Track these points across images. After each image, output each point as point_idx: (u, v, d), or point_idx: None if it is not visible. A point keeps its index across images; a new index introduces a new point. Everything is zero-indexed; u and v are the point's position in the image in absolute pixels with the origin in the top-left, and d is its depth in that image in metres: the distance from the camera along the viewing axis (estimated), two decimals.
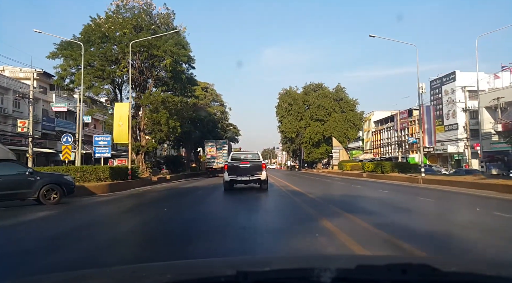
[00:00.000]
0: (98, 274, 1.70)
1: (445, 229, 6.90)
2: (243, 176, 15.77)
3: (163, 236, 6.47)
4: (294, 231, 6.65)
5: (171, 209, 10.85)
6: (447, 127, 58.55)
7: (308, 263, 1.80)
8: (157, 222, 8.41)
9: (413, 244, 5.24)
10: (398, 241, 5.53)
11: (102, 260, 4.75)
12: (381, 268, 1.33)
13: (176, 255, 4.87)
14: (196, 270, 1.67)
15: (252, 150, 18.90)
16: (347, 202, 11.87)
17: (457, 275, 1.34)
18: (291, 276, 1.33)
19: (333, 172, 44.03)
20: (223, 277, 1.34)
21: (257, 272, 1.40)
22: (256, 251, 5.16)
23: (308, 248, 5.24)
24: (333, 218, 7.77)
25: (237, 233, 6.52)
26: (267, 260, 2.07)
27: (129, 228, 7.77)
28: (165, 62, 24.16)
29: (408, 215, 8.88)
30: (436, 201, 12.37)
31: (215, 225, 7.60)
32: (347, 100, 54.07)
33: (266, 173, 15.97)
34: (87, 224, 8.33)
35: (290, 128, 55.58)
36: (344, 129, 52.68)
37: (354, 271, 1.29)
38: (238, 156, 17.90)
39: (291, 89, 57.91)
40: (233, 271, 1.28)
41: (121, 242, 6.17)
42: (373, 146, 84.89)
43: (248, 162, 16.11)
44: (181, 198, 15.23)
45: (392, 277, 1.23)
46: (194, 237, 6.17)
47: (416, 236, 6.09)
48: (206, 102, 45.29)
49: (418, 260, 2.59)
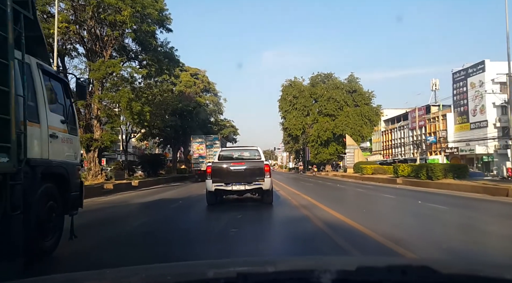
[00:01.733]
0: (98, 275, 1.68)
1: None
2: (236, 184, 10.45)
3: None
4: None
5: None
6: (474, 125, 51.30)
7: (308, 264, 1.75)
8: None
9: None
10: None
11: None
12: (381, 269, 1.34)
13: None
14: (196, 271, 1.66)
15: (249, 146, 13.11)
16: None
17: (457, 277, 1.34)
18: (290, 277, 1.30)
19: (348, 175, 36.55)
20: (223, 279, 1.33)
21: (257, 273, 1.39)
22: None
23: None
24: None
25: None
26: (267, 262, 2.03)
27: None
28: (123, 14, 16.54)
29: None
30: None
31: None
32: (362, 93, 46.62)
33: (270, 179, 10.62)
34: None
35: (295, 125, 47.99)
36: (358, 126, 45.25)
37: (354, 272, 1.28)
38: (229, 153, 12.35)
39: (296, 80, 50.34)
40: (233, 273, 1.28)
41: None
42: (383, 147, 77.75)
43: (244, 162, 10.93)
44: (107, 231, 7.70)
45: (392, 279, 1.23)
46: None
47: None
48: (196, 90, 37.60)
49: (418, 261, 2.52)
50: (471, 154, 51.09)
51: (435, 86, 65.61)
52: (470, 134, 50.92)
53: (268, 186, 10.46)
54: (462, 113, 52.99)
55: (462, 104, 53.16)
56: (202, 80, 38.86)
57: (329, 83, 47.73)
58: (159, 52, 21.91)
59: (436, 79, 67.30)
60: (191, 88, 36.75)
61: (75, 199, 5.44)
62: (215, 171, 10.60)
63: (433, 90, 65.45)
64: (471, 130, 51.15)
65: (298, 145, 58.40)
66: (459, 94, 53.90)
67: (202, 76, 39.29)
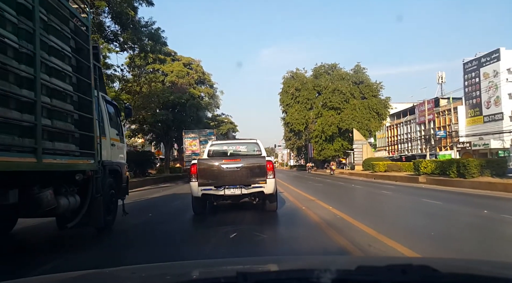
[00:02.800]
0: (97, 275, 1.64)
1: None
2: (230, 187, 8.11)
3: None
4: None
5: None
6: (487, 117, 48.24)
7: (308, 264, 1.73)
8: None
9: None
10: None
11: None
12: (381, 269, 1.32)
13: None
14: (196, 271, 1.64)
15: (247, 138, 10.80)
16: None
17: (457, 276, 1.32)
18: (291, 277, 1.29)
19: (356, 173, 33.39)
20: (223, 278, 1.32)
21: (257, 273, 1.38)
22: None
23: None
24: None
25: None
26: (266, 261, 2.01)
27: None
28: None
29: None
30: None
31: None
32: (369, 84, 43.33)
33: (274, 180, 8.22)
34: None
35: (298, 119, 44.72)
36: (366, 119, 42.04)
37: (354, 272, 1.26)
38: (222, 148, 9.91)
39: (298, 71, 46.97)
40: (233, 272, 1.26)
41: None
42: (388, 143, 74.70)
43: (239, 159, 8.48)
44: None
45: (392, 278, 1.21)
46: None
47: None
48: (189, 81, 34.24)
49: (418, 261, 2.43)
50: (485, 149, 48.06)
51: (441, 79, 62.62)
52: (484, 128, 47.94)
53: (272, 188, 8.08)
54: (475, 106, 49.93)
55: (474, 96, 50.11)
56: (196, 71, 35.46)
57: (333, 74, 44.45)
58: (142, 32, 18.73)
59: (442, 72, 64.50)
60: (184, 78, 33.39)
61: (124, 188, 7.71)
62: (202, 171, 8.09)
63: (440, 84, 62.48)
64: (484, 124, 48.17)
65: (300, 141, 55.25)
66: (471, 85, 50.78)
67: (196, 66, 35.85)
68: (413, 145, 64.32)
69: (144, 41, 18.72)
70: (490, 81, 47.23)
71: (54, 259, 4.68)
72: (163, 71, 32.10)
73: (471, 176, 16.67)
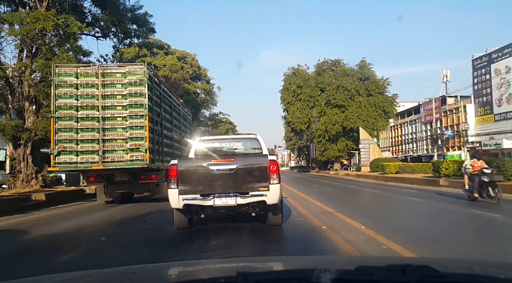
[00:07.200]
0: (97, 275, 1.63)
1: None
2: (221, 196, 6.16)
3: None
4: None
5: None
6: (499, 116, 45.98)
7: (308, 264, 1.73)
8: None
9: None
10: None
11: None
12: (381, 269, 1.30)
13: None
14: (196, 271, 1.64)
15: (245, 133, 8.51)
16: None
17: (457, 276, 1.31)
18: (291, 277, 1.28)
19: (364, 175, 31.02)
20: (223, 278, 1.32)
21: (257, 273, 1.37)
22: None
23: None
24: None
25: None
26: (267, 261, 1.98)
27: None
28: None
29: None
30: None
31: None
32: (375, 80, 41.02)
33: (279, 187, 6.28)
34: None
35: (299, 118, 42.34)
36: (372, 118, 39.73)
37: (354, 271, 1.26)
38: (212, 145, 7.63)
39: (300, 67, 44.57)
40: (233, 272, 1.26)
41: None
42: (392, 143, 72.34)
43: (233, 159, 6.40)
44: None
45: (392, 278, 1.21)
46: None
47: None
48: (183, 76, 31.78)
49: (418, 261, 2.41)
50: (496, 149, 45.74)
51: (446, 77, 60.40)
52: (495, 127, 45.66)
53: (276, 197, 6.25)
54: (485, 104, 47.63)
55: (484, 94, 47.79)
56: (191, 65, 33.05)
57: (337, 70, 42.11)
58: (125, 17, 16.38)
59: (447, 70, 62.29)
60: (178, 73, 30.99)
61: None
62: (184, 174, 6.18)
63: (444, 82, 60.26)
64: (495, 123, 45.90)
65: (302, 141, 52.90)
66: (481, 82, 48.47)
67: (192, 59, 33.42)
68: (418, 145, 61.99)
69: (128, 25, 16.39)
70: (502, 78, 44.97)
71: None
72: (155, 65, 29.78)
73: (507, 179, 14.30)
